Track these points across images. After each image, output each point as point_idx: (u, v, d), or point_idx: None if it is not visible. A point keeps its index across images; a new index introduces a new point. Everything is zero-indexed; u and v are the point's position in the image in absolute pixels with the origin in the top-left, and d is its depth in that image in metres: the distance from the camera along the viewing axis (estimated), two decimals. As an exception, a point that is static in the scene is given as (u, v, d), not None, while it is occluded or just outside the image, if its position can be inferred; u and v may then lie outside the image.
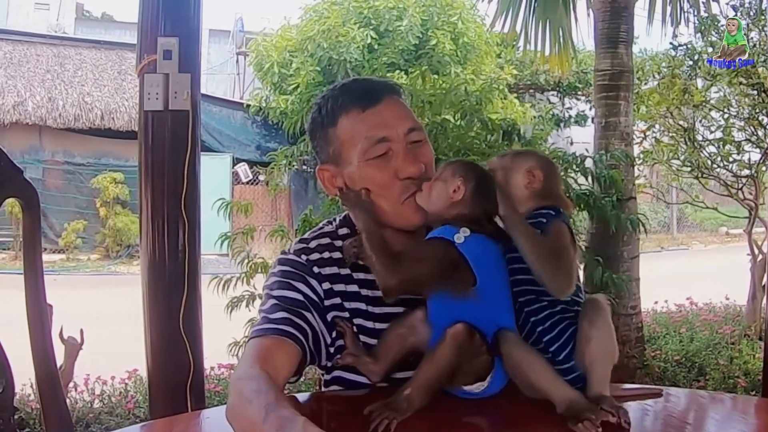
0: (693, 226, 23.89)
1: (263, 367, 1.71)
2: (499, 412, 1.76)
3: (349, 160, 1.97)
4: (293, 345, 1.84)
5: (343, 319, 1.95)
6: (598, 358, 1.73)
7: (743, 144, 7.83)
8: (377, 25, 14.09)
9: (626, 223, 5.95)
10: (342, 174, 1.99)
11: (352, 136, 1.96)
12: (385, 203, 1.95)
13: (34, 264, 2.40)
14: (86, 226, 17.26)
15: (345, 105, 1.99)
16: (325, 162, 2.03)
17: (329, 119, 2.00)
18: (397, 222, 1.96)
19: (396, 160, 1.95)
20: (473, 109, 5.65)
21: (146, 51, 3.66)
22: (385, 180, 1.94)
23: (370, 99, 1.99)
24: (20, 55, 18.78)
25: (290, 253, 2.04)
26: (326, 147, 2.01)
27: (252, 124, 18.45)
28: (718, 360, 6.68)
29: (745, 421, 1.95)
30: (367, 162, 1.94)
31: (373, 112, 1.98)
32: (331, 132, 1.99)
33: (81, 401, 5.67)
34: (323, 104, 2.04)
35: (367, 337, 1.95)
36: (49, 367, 2.43)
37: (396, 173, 1.94)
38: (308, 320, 1.90)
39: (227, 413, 1.64)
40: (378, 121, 1.97)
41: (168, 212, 3.60)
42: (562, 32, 7.82)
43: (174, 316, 3.56)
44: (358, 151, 1.95)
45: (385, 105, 2.00)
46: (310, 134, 2.10)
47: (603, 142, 6.63)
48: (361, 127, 1.96)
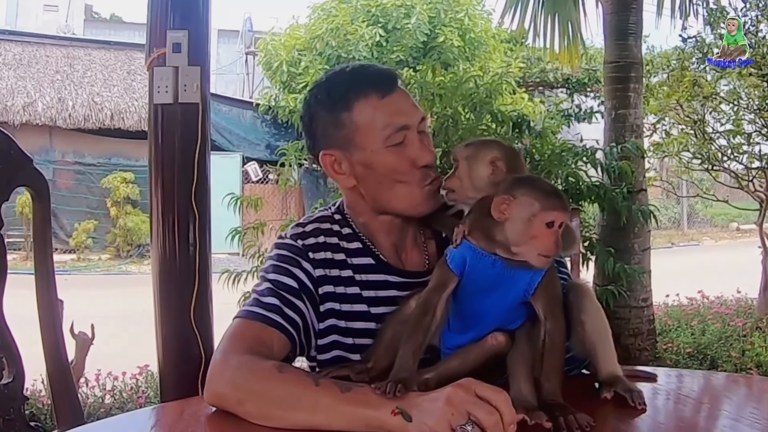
0: (703, 222, 23.82)
1: (257, 351, 1.75)
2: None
3: (363, 146, 1.95)
4: (282, 336, 1.84)
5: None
6: (597, 339, 1.74)
7: (753, 136, 7.81)
8: (385, 22, 14.09)
9: (637, 214, 5.94)
10: (349, 159, 1.97)
11: (370, 122, 1.94)
12: (403, 189, 1.95)
13: (45, 255, 2.41)
14: (97, 226, 17.29)
15: (362, 90, 1.97)
16: (329, 147, 2.00)
17: (342, 103, 1.96)
18: (408, 209, 1.96)
19: (412, 148, 1.94)
20: (483, 102, 5.65)
21: (155, 44, 3.65)
22: (405, 167, 1.94)
23: (387, 86, 1.99)
24: (30, 57, 18.82)
25: (287, 238, 2.03)
26: (334, 131, 1.98)
27: (261, 124, 18.47)
28: (730, 352, 6.66)
29: (761, 401, 1.95)
30: (387, 149, 1.93)
31: (392, 100, 1.97)
32: (344, 116, 1.96)
33: (92, 396, 5.67)
34: (332, 88, 2.02)
35: (363, 322, 1.96)
36: (60, 359, 2.43)
37: (414, 161, 1.94)
38: (299, 310, 1.90)
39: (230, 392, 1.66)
40: (397, 109, 1.97)
41: (179, 205, 3.58)
42: (571, 27, 7.83)
43: (185, 309, 3.55)
44: (380, 138, 1.93)
45: (400, 93, 2.00)
46: (310, 117, 2.05)
47: (613, 135, 6.62)
48: (382, 114, 1.94)
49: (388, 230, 2.01)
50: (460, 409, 1.40)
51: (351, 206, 2.08)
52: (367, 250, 2.03)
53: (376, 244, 2.05)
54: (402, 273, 2.02)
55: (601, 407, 1.67)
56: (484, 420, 1.39)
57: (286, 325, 1.85)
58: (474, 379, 1.46)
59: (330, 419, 1.52)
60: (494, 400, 1.41)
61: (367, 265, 2.00)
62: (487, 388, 1.44)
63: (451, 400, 1.41)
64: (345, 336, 1.96)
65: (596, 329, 1.74)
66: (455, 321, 1.74)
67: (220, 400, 1.68)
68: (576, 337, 1.74)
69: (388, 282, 2.00)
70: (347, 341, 1.96)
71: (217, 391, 1.69)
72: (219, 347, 1.80)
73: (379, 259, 2.03)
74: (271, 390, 1.61)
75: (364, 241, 2.04)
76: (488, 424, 1.39)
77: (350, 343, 1.96)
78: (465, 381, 1.46)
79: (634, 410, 1.64)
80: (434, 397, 1.45)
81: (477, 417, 1.39)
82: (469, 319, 1.74)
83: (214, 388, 1.70)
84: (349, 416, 1.50)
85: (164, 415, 1.94)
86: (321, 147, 2.01)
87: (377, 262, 2.02)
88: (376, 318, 1.93)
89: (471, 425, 1.38)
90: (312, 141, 2.06)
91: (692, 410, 1.78)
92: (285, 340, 1.84)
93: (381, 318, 1.90)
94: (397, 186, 1.94)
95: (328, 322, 1.96)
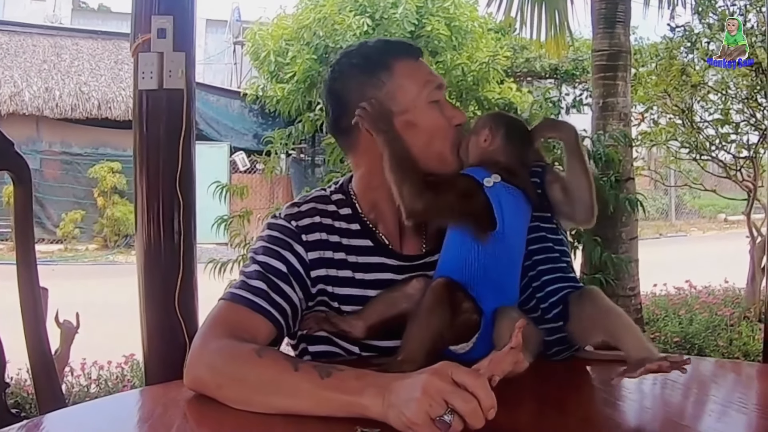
0: (691, 213, 23.86)
1: (239, 335, 1.73)
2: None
3: (406, 104, 1.95)
4: (267, 322, 1.82)
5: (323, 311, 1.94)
6: (617, 331, 1.71)
7: (741, 125, 7.82)
8: (373, 12, 14.03)
9: (624, 203, 5.95)
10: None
11: (412, 79, 1.97)
12: (438, 146, 1.95)
13: (27, 241, 2.38)
14: (84, 216, 17.23)
15: (398, 53, 2.03)
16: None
17: (382, 64, 1.98)
18: (437, 166, 1.92)
19: (447, 107, 2.00)
20: (470, 89, 5.63)
21: (140, 30, 3.62)
22: (444, 124, 1.96)
23: (418, 52, 2.08)
24: (17, 46, 18.72)
25: (280, 218, 2.00)
26: (373, 92, 1.95)
27: (249, 113, 18.42)
28: (717, 342, 6.69)
29: (748, 386, 1.94)
30: (429, 104, 1.96)
31: (423, 63, 2.05)
32: (384, 76, 1.96)
33: (77, 386, 5.67)
34: (367, 52, 2.05)
35: (356, 305, 1.94)
36: (42, 347, 2.41)
37: (450, 119, 1.98)
38: (287, 295, 1.87)
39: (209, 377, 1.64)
40: (430, 71, 2.04)
41: (163, 192, 3.55)
42: (558, 16, 7.83)
43: (170, 297, 3.52)
44: (424, 93, 1.96)
45: (424, 60, 2.07)
46: (343, 84, 2.03)
47: (601, 123, 6.63)
48: (420, 73, 2.00)
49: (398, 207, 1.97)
50: (437, 399, 1.37)
51: (366, 180, 2.04)
52: (366, 232, 2.02)
53: (381, 224, 2.03)
54: (399, 257, 2.01)
55: (587, 391, 1.66)
56: (461, 409, 1.36)
57: (272, 310, 1.83)
58: (451, 363, 1.43)
59: (309, 405, 1.51)
60: (471, 386, 1.38)
61: (364, 247, 1.99)
62: (464, 373, 1.40)
63: (427, 389, 1.38)
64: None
65: (609, 321, 1.72)
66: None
67: (199, 384, 1.66)
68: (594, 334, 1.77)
69: (385, 265, 1.99)
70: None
71: (196, 375, 1.67)
72: (200, 331, 1.78)
73: (378, 241, 2.01)
74: (250, 375, 1.59)
75: (365, 222, 2.03)
76: (466, 412, 1.36)
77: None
78: (441, 366, 1.43)
79: (621, 395, 1.63)
80: (411, 384, 1.41)
81: (455, 406, 1.36)
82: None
83: (193, 372, 1.68)
84: (329, 402, 1.48)
85: (143, 399, 1.92)
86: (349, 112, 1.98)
87: (375, 244, 2.01)
88: (365, 301, 1.93)
89: (450, 414, 1.36)
90: (343, 110, 2.00)
91: (680, 395, 1.76)
92: (270, 326, 1.83)
93: None
94: (434, 143, 1.94)
95: (318, 300, 1.95)
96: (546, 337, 1.79)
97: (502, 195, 1.77)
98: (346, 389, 1.48)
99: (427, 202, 1.76)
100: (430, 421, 1.36)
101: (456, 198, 1.78)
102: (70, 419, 1.73)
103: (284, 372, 1.56)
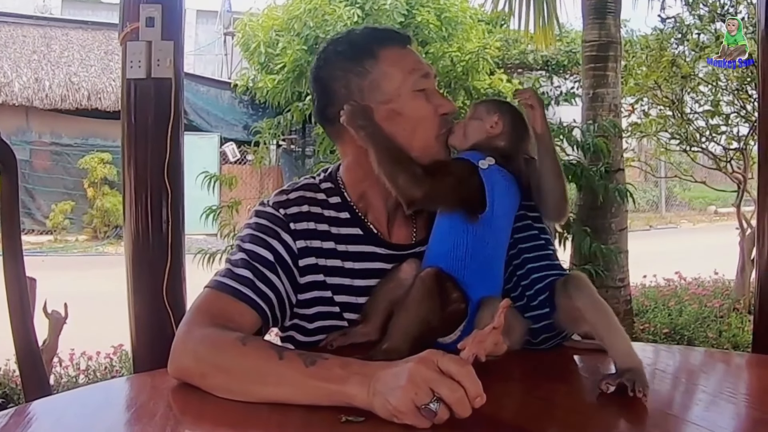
0: (681, 205, 23.91)
1: (223, 324, 1.72)
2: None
3: (391, 92, 1.93)
4: (252, 311, 1.81)
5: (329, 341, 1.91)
6: (600, 330, 1.70)
7: (732, 117, 7.82)
8: (363, 3, 13.99)
9: (614, 193, 5.95)
10: (374, 109, 1.92)
11: (397, 67, 1.95)
12: (422, 135, 1.93)
13: (13, 230, 2.37)
14: (74, 207, 17.21)
15: (384, 40, 2.00)
16: (352, 99, 1.95)
17: (367, 52, 1.96)
18: (421, 157, 1.88)
19: (434, 96, 1.97)
20: (458, 78, 5.63)
21: (129, 19, 3.63)
22: (430, 113, 1.94)
23: (405, 39, 2.05)
24: (6, 36, 18.63)
25: (268, 206, 1.98)
26: (358, 81, 1.94)
27: (239, 104, 18.41)
28: (707, 333, 6.71)
29: (737, 376, 1.94)
30: (414, 93, 1.94)
31: (410, 51, 2.02)
32: (369, 64, 1.94)
33: (66, 376, 5.65)
34: (353, 39, 2.02)
35: (346, 295, 1.94)
36: (28, 337, 2.40)
37: (436, 108, 1.95)
38: (273, 284, 1.86)
39: (193, 365, 1.64)
40: (417, 58, 2.02)
41: (151, 181, 3.56)
42: (546, 7, 7.83)
43: (158, 287, 3.53)
44: (409, 82, 1.94)
45: (413, 49, 2.05)
46: (328, 72, 2.01)
47: (591, 114, 6.63)
48: (407, 60, 1.97)
49: (387, 194, 1.92)
50: (423, 387, 1.36)
51: (354, 169, 2.02)
52: (356, 220, 2.00)
53: (370, 213, 2.02)
54: (389, 245, 1.99)
55: (574, 381, 1.66)
56: (448, 397, 1.35)
57: (257, 299, 1.81)
58: (437, 351, 1.42)
59: (294, 393, 1.49)
60: (457, 374, 1.37)
61: (354, 235, 1.97)
62: (451, 361, 1.39)
63: (413, 378, 1.37)
64: (330, 306, 1.94)
65: (596, 319, 1.71)
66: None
67: (183, 373, 1.65)
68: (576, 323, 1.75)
69: (375, 254, 1.97)
70: (334, 310, 1.94)
71: (180, 364, 1.66)
72: (184, 319, 1.77)
73: (368, 230, 2.00)
74: (234, 363, 1.58)
75: (355, 210, 2.01)
76: (452, 401, 1.35)
77: (336, 312, 1.94)
78: (427, 355, 1.41)
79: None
80: (396, 373, 1.40)
81: (441, 394, 1.35)
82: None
83: (177, 361, 1.67)
84: (314, 390, 1.47)
85: (128, 387, 1.92)
86: (343, 101, 1.93)
87: (365, 233, 1.99)
88: (359, 291, 1.92)
89: (436, 402, 1.35)
90: (329, 98, 2.00)
91: (669, 385, 1.76)
92: (255, 315, 1.81)
93: (365, 290, 1.91)
94: (417, 132, 1.92)
95: (312, 293, 1.94)
96: (533, 325, 1.78)
97: (495, 177, 1.77)
98: (331, 378, 1.47)
99: (426, 188, 1.76)
100: (415, 410, 1.35)
101: (456, 181, 1.78)
102: (55, 406, 1.72)
103: (269, 360, 1.55)
